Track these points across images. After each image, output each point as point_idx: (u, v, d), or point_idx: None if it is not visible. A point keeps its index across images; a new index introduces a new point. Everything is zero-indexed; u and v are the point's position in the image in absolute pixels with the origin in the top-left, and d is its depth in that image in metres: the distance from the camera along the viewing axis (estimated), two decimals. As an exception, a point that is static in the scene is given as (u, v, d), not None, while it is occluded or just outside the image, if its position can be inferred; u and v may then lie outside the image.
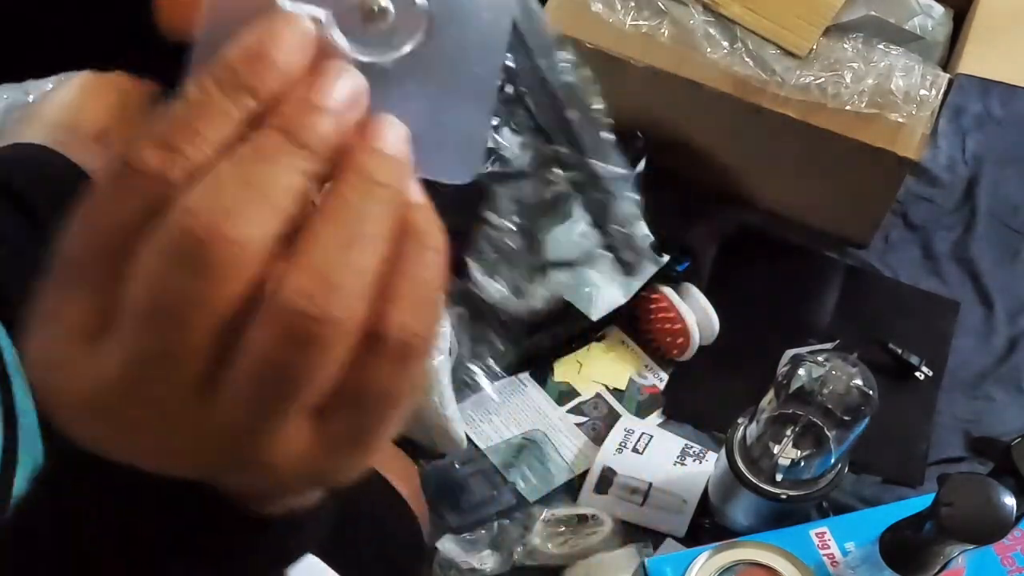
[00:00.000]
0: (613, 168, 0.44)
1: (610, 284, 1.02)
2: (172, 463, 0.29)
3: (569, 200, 0.44)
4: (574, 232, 0.47)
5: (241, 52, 0.27)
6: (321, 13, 0.29)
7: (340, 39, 0.29)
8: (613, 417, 1.04)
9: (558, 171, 0.43)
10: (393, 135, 0.28)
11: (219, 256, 0.25)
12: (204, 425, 0.27)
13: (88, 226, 0.28)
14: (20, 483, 0.55)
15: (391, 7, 0.29)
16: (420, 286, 0.28)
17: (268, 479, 0.30)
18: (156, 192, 0.26)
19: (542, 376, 1.07)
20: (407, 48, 0.30)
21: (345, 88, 0.28)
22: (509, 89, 0.40)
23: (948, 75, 1.03)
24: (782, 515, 0.87)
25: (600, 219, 0.44)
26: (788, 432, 0.82)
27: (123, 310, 0.27)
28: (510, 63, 0.39)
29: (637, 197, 0.45)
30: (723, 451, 0.87)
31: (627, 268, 0.46)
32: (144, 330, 0.26)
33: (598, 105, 0.42)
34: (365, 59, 0.29)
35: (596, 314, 1.03)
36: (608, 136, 0.44)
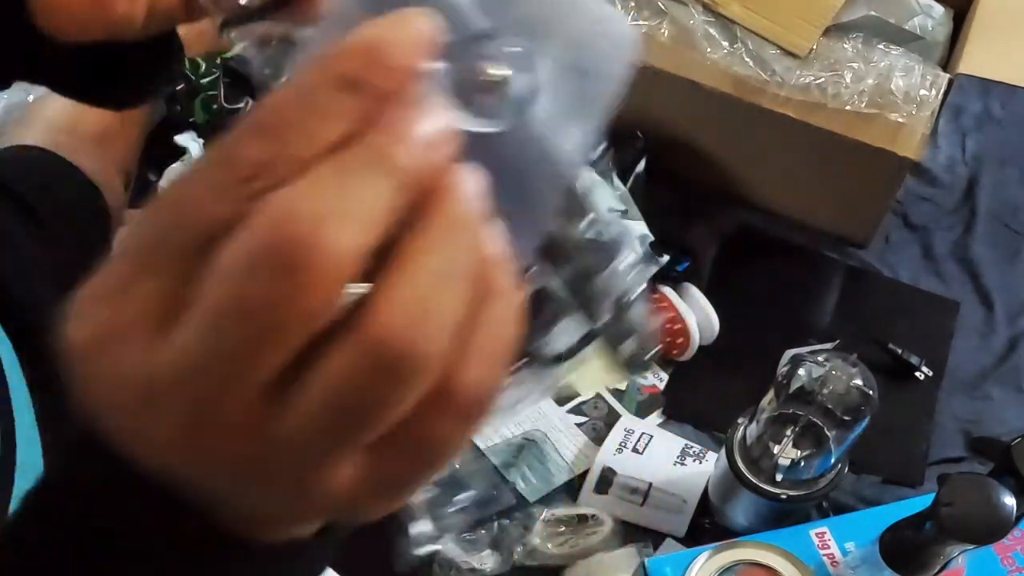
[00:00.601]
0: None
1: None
2: (209, 473, 0.27)
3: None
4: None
5: (357, 45, 0.25)
6: (441, 65, 0.27)
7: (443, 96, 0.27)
8: (613, 417, 1.04)
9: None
10: (475, 184, 0.27)
11: (310, 263, 0.23)
12: (260, 441, 0.25)
13: (175, 208, 0.26)
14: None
15: (511, 79, 0.28)
16: (496, 343, 0.27)
17: (304, 507, 0.28)
18: (252, 186, 0.25)
19: (542, 376, 1.06)
20: (494, 127, 0.28)
21: (439, 125, 0.26)
22: None
23: (948, 75, 1.03)
24: (782, 515, 0.87)
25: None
26: (788, 432, 0.82)
27: (199, 302, 0.25)
28: None
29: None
30: (723, 451, 0.87)
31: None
32: (217, 328, 0.24)
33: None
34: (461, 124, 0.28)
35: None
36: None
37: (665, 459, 1.00)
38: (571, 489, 1.00)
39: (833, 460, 0.83)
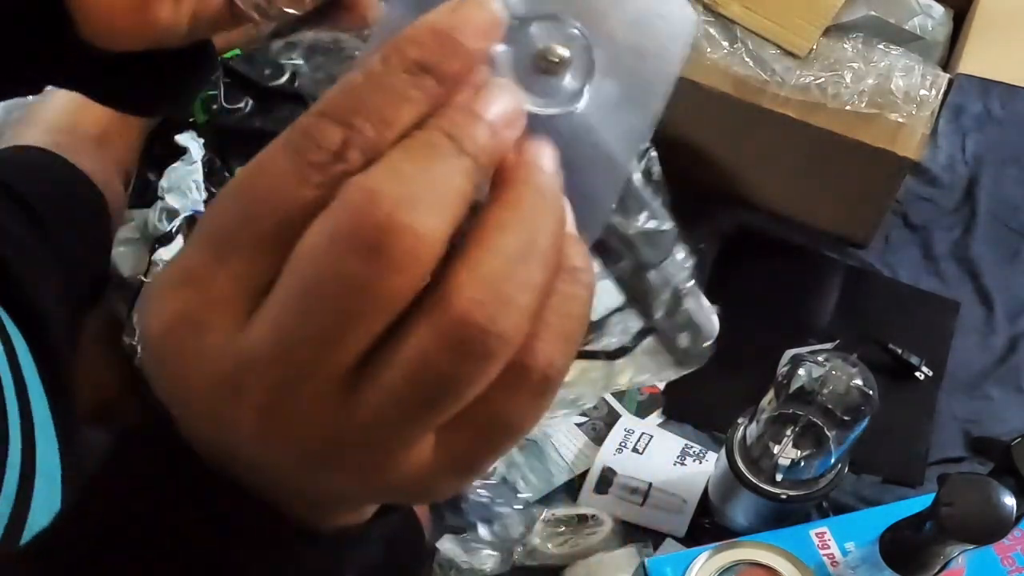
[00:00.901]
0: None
1: (608, 286, 1.02)
2: (283, 456, 0.26)
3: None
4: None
5: (427, 30, 0.26)
6: (501, 48, 0.27)
7: (509, 75, 0.28)
8: (613, 417, 1.04)
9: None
10: (549, 158, 0.27)
11: (397, 245, 0.24)
12: (337, 423, 0.25)
13: (252, 195, 0.26)
14: (36, 518, 0.53)
15: (570, 60, 0.28)
16: (568, 321, 0.27)
17: (372, 490, 0.28)
18: (330, 171, 0.25)
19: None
20: (553, 108, 0.28)
21: (508, 104, 0.26)
22: None
23: (948, 75, 1.03)
24: (782, 515, 0.87)
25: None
26: (788, 432, 0.82)
27: (282, 287, 0.25)
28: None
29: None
30: (723, 451, 0.87)
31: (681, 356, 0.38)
32: (302, 312, 0.25)
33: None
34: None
35: (595, 315, 1.03)
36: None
37: (665, 459, 1.00)
38: (571, 489, 1.00)
39: (833, 460, 0.83)
